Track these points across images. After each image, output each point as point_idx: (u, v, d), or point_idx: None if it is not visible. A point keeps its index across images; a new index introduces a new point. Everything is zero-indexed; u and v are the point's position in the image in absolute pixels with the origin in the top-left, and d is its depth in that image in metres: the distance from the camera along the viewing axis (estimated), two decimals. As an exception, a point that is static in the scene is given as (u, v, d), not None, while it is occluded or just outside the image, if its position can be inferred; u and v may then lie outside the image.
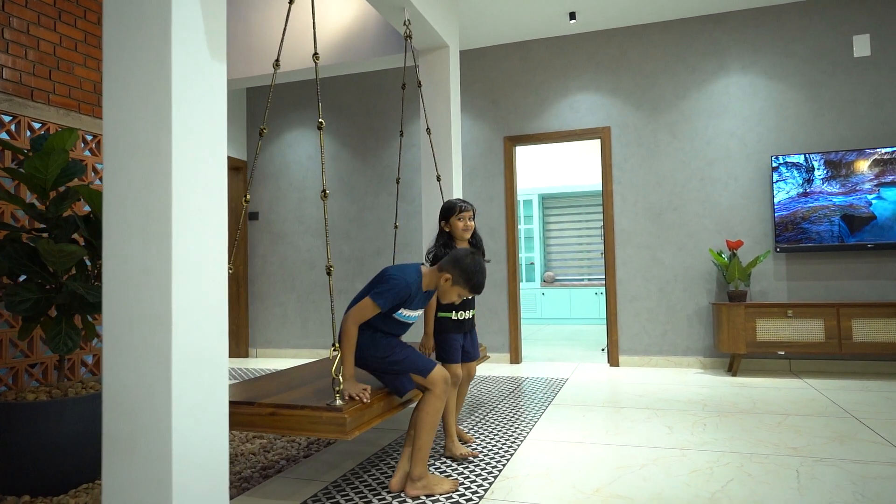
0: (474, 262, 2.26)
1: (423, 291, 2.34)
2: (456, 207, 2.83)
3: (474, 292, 2.29)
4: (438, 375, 2.28)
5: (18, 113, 3.98)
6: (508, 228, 5.48)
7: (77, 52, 4.39)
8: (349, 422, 2.00)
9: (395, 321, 2.32)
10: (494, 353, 5.47)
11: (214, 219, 1.81)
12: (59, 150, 2.70)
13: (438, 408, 2.27)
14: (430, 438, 2.26)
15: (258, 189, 6.33)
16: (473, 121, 5.60)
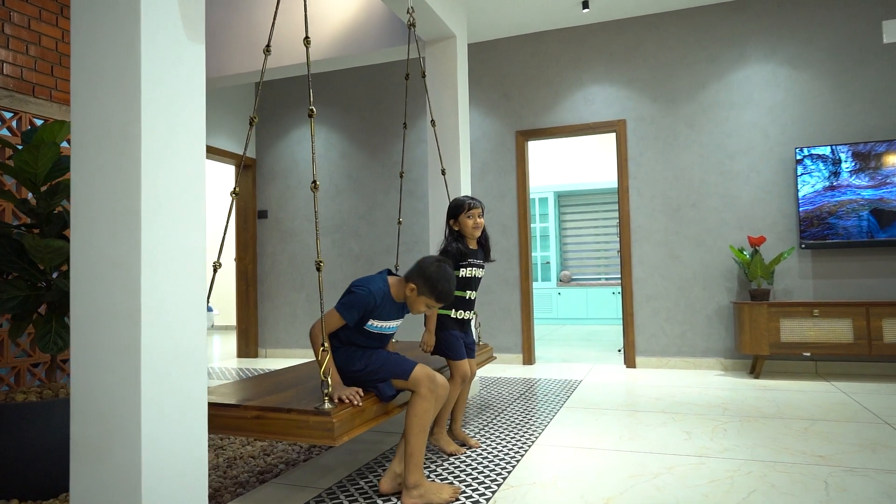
0: (439, 270, 2.18)
1: (397, 301, 2.23)
2: (465, 205, 2.72)
3: (441, 301, 2.19)
4: (420, 374, 2.16)
5: (20, 109, 3.93)
6: (521, 226, 5.32)
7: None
8: (337, 426, 1.87)
9: (368, 334, 2.23)
10: (506, 353, 5.32)
11: (192, 210, 1.70)
12: (48, 144, 2.61)
13: (426, 409, 2.15)
14: (422, 442, 2.14)
15: (266, 187, 6.25)
16: (484, 115, 5.46)
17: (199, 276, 1.71)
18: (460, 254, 2.71)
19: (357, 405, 2.02)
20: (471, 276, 2.80)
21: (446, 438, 2.75)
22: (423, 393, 2.15)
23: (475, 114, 5.49)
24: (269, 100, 6.32)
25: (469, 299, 2.82)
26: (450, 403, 2.72)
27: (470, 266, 2.77)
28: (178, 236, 1.64)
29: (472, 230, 2.72)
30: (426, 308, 2.23)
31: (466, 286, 2.80)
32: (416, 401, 2.16)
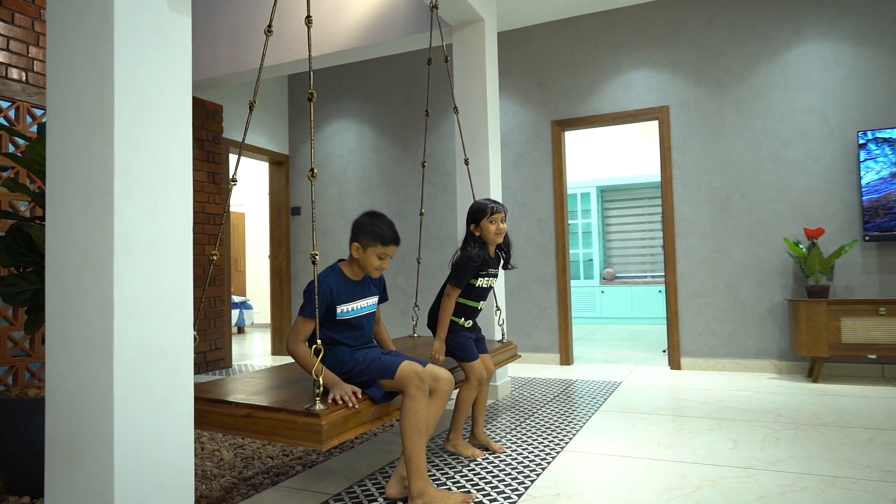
0: (370, 216, 2.15)
1: (355, 280, 2.15)
2: (487, 209, 2.56)
3: (388, 241, 2.10)
4: (406, 372, 2.00)
5: (38, 103, 3.95)
6: (557, 220, 5.09)
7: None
8: (326, 430, 1.73)
9: (345, 324, 2.12)
10: (542, 353, 5.09)
11: (175, 196, 1.57)
12: (61, 135, 2.56)
13: (417, 409, 1.99)
14: (418, 445, 1.98)
15: (299, 183, 6.20)
16: (519, 105, 5.25)
17: (183, 266, 1.59)
18: (482, 261, 2.55)
19: (352, 407, 1.87)
20: (487, 286, 2.66)
21: (463, 442, 2.58)
22: (411, 392, 2.00)
23: (509, 104, 5.28)
24: (298, 94, 6.27)
25: (479, 309, 2.69)
26: (466, 406, 2.56)
27: (488, 276, 2.64)
28: (157, 222, 1.52)
29: (495, 236, 2.57)
30: (379, 261, 2.11)
31: (480, 297, 2.66)
32: (406, 401, 2.01)
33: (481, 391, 2.71)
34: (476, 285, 2.61)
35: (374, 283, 2.26)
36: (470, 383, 2.56)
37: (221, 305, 5.24)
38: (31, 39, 3.83)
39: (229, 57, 4.59)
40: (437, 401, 2.14)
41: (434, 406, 2.14)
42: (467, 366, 2.57)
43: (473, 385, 2.56)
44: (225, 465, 2.91)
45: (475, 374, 2.55)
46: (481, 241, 2.60)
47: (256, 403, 1.86)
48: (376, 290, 2.27)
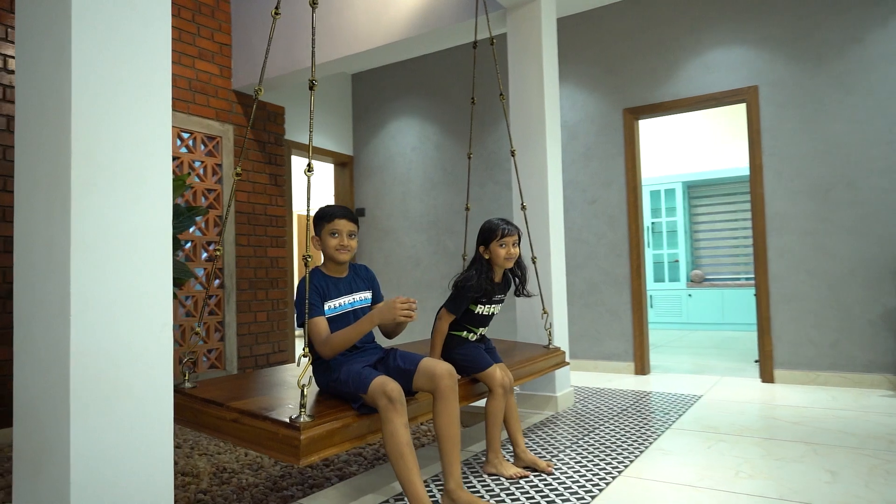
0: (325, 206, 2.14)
1: (337, 277, 2.12)
2: (498, 231, 2.39)
3: (336, 218, 2.06)
4: (375, 389, 1.82)
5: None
6: (630, 217, 4.68)
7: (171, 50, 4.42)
8: (303, 445, 1.54)
9: (334, 322, 2.05)
10: (614, 361, 4.69)
11: (152, 185, 1.43)
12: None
13: (392, 431, 1.79)
14: (403, 470, 1.78)
15: (363, 184, 6.12)
16: (587, 94, 4.88)
17: (161, 263, 1.43)
18: (480, 290, 2.36)
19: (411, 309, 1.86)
20: (488, 313, 2.47)
21: (504, 462, 2.31)
22: (381, 412, 1.81)
23: (576, 93, 4.93)
24: (361, 94, 6.19)
25: (481, 334, 2.51)
26: (496, 419, 2.32)
27: (489, 304, 2.45)
28: (129, 215, 1.38)
29: (504, 261, 2.39)
30: (334, 238, 2.06)
31: (481, 323, 2.48)
32: (382, 421, 1.82)
33: (509, 403, 2.44)
34: (476, 312, 2.43)
35: (362, 279, 2.19)
36: (494, 392, 2.34)
37: (284, 308, 5.23)
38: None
39: (287, 56, 4.55)
40: (444, 401, 1.97)
41: (444, 408, 1.97)
42: (484, 375, 2.35)
43: (498, 394, 2.33)
44: (262, 474, 2.80)
45: (496, 382, 2.34)
46: (488, 265, 2.41)
47: (243, 408, 1.69)
48: (365, 286, 2.19)
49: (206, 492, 2.57)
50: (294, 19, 4.52)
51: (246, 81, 4.75)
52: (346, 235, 2.08)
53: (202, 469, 2.89)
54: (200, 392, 1.87)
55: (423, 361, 2.06)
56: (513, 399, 2.47)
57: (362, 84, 6.21)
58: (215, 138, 4.70)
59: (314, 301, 2.01)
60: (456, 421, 2.05)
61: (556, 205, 3.60)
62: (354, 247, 2.12)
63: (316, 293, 2.02)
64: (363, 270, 2.25)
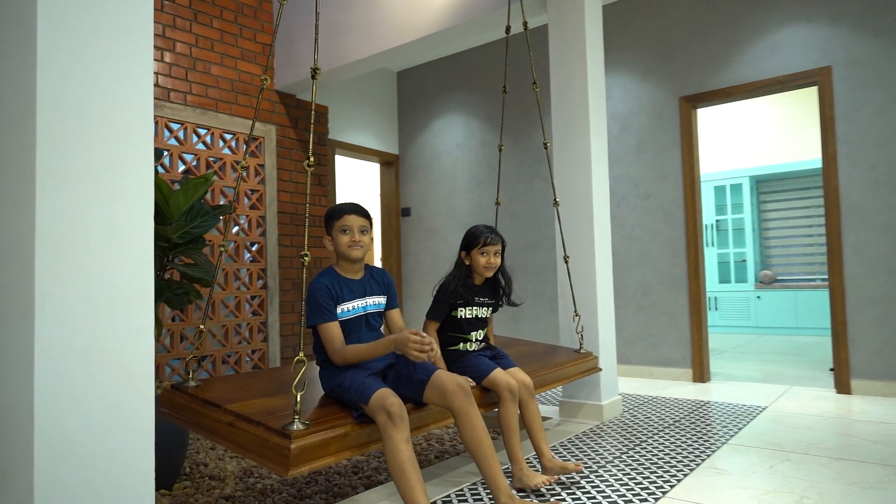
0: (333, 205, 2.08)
1: (352, 278, 2.02)
2: (480, 238, 2.35)
3: (346, 213, 1.96)
4: (375, 403, 1.71)
5: (156, 114, 4.11)
6: (688, 212, 4.36)
7: (213, 51, 4.45)
8: (294, 455, 1.43)
9: (346, 326, 1.96)
10: (670, 367, 4.38)
11: (131, 177, 1.33)
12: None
13: (392, 447, 1.68)
14: (405, 487, 1.67)
15: (409, 183, 6.02)
16: (640, 82, 4.59)
17: (141, 261, 1.34)
18: (457, 295, 2.33)
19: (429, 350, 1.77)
20: (472, 316, 2.39)
21: (528, 472, 2.14)
22: (381, 427, 1.70)
23: (628, 82, 4.64)
24: (406, 91, 6.09)
25: (476, 340, 2.41)
26: (511, 426, 2.19)
27: (470, 305, 2.37)
28: (104, 209, 1.29)
29: (483, 269, 2.36)
30: (346, 235, 1.96)
31: (470, 327, 2.39)
32: (382, 437, 1.71)
33: (529, 407, 2.29)
34: (458, 317, 2.36)
35: (378, 283, 2.08)
36: (502, 398, 2.21)
37: (328, 308, 5.18)
38: (139, 51, 3.99)
39: (327, 53, 4.50)
40: (463, 417, 1.88)
41: (465, 424, 1.89)
42: (487, 381, 2.24)
43: (506, 399, 2.20)
44: (286, 479, 2.71)
45: (500, 386, 2.21)
46: (468, 270, 2.39)
47: (238, 412, 1.58)
48: (380, 290, 2.09)
49: (228, 497, 2.50)
50: (334, 17, 4.46)
51: (288, 81, 4.73)
52: (357, 231, 1.97)
53: (230, 472, 2.83)
54: (201, 391, 1.79)
55: (435, 375, 1.95)
56: (533, 405, 2.31)
57: (407, 81, 6.11)
58: (258, 139, 4.71)
59: (326, 305, 1.91)
60: (482, 433, 1.93)
61: (602, 200, 3.36)
62: (367, 243, 2.01)
63: (328, 296, 1.92)
64: (380, 274, 2.14)
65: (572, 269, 3.30)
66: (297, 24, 4.70)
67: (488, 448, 1.93)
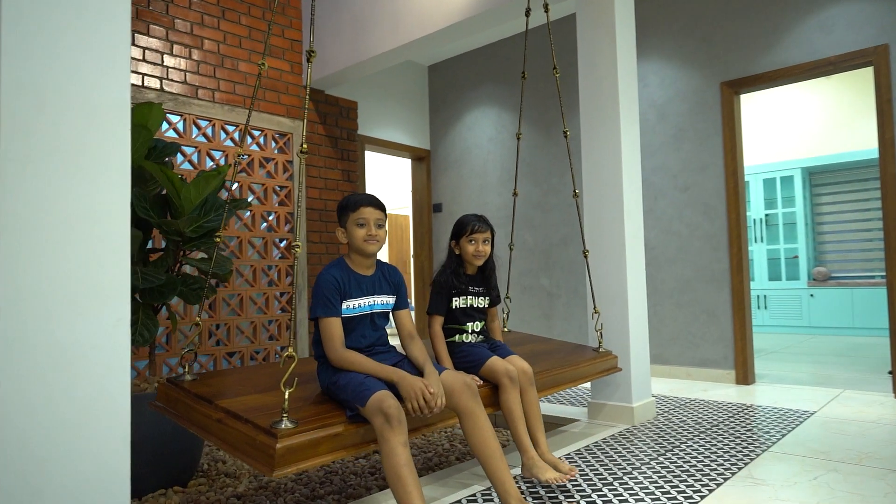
0: (344, 196, 2.02)
1: (361, 274, 1.92)
2: (467, 227, 2.33)
3: (363, 205, 1.88)
4: (373, 406, 1.61)
5: (184, 111, 4.13)
6: (730, 205, 4.12)
7: (241, 48, 4.45)
8: (279, 455, 1.35)
9: (350, 324, 1.87)
10: (711, 368, 4.15)
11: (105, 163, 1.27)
12: (139, 127, 2.50)
13: (389, 451, 1.58)
14: (401, 492, 1.57)
15: (440, 179, 5.92)
16: (678, 69, 4.37)
17: (117, 251, 1.28)
18: (450, 285, 2.32)
19: (430, 412, 1.69)
20: (466, 305, 2.34)
21: (540, 464, 2.04)
22: (377, 429, 1.60)
23: (666, 68, 4.42)
24: (437, 85, 5.99)
25: (475, 331, 2.36)
26: (514, 413, 2.11)
27: (464, 294, 2.36)
28: (75, 195, 1.23)
29: (472, 257, 2.34)
30: (362, 229, 1.87)
31: (466, 318, 2.35)
32: (378, 440, 1.62)
33: (527, 395, 2.19)
34: (453, 307, 2.32)
35: (389, 282, 1.99)
36: (501, 385, 2.14)
37: (358, 305, 5.14)
38: (167, 49, 4.02)
39: (353, 47, 4.45)
40: (470, 418, 1.83)
41: (471, 426, 1.83)
42: (485, 369, 2.18)
43: (506, 385, 2.12)
44: (303, 478, 2.66)
45: (499, 372, 2.14)
46: (459, 259, 2.37)
47: (228, 408, 1.51)
48: (390, 290, 1.99)
49: (240, 496, 2.45)
50: (359, 11, 4.40)
51: (316, 76, 4.70)
52: (373, 224, 1.88)
53: (245, 470, 2.79)
54: (196, 386, 1.73)
55: (440, 376, 1.85)
56: (532, 393, 2.22)
57: (438, 75, 6.01)
58: (286, 135, 4.69)
59: (332, 298, 1.82)
60: (488, 434, 1.85)
61: (633, 192, 3.18)
62: (383, 237, 1.92)
63: (336, 289, 1.84)
64: (392, 273, 2.04)
65: (601, 264, 3.14)
66: (323, 19, 4.66)
67: (496, 449, 1.83)
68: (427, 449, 3.08)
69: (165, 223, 2.47)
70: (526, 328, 5.19)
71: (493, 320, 2.50)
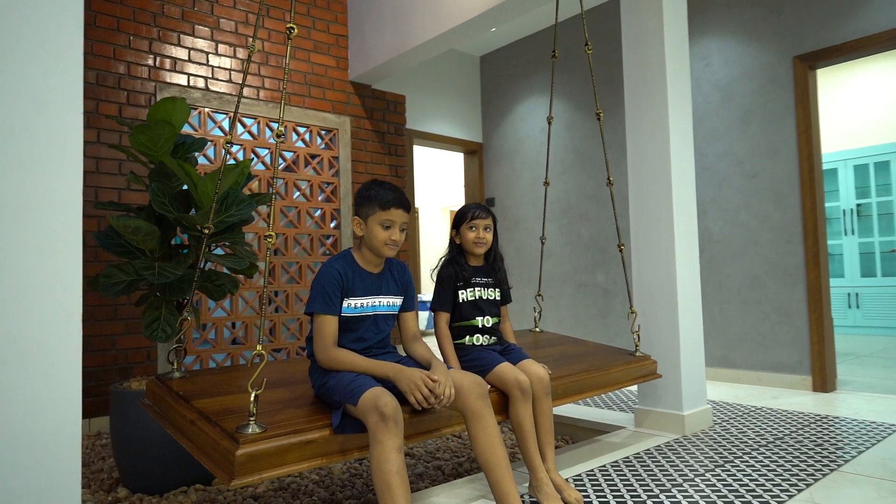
0: (372, 182, 1.79)
1: (369, 271, 1.79)
2: (468, 214, 2.20)
3: (393, 206, 1.72)
4: (367, 403, 1.47)
5: (229, 110, 4.17)
6: (804, 193, 3.71)
7: (286, 45, 4.46)
8: (238, 462, 1.25)
9: (347, 322, 1.74)
10: (784, 374, 3.75)
11: (52, 150, 1.21)
12: (162, 122, 2.50)
13: (380, 455, 1.45)
14: (388, 503, 1.42)
15: (493, 172, 5.74)
16: (744, 44, 3.98)
17: (67, 242, 1.21)
18: (456, 277, 2.17)
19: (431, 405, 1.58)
20: (475, 297, 2.16)
21: (546, 488, 1.85)
22: (371, 431, 1.47)
23: (729, 44, 4.05)
24: (489, 77, 5.81)
25: (484, 327, 2.15)
26: (525, 426, 1.91)
27: (471, 286, 2.19)
28: (14, 183, 1.17)
29: (473, 245, 2.19)
30: (385, 231, 1.72)
31: (474, 311, 2.16)
32: (369, 443, 1.48)
33: (540, 405, 1.98)
34: (459, 301, 2.17)
35: (397, 281, 1.84)
36: (511, 396, 1.93)
37: (407, 302, 5.05)
38: (212, 49, 4.08)
39: (396, 38, 4.35)
40: (477, 421, 1.67)
41: (479, 430, 1.67)
42: (492, 376, 1.96)
43: (516, 396, 1.91)
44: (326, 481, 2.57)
45: (508, 382, 1.93)
46: (460, 250, 2.24)
47: (203, 409, 1.42)
48: (398, 291, 1.84)
49: (258, 497, 2.40)
50: (399, 3, 4.30)
51: (361, 71, 4.64)
52: (398, 229, 1.74)
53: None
54: (182, 383, 1.66)
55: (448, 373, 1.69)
56: (546, 403, 2.00)
57: (490, 66, 5.83)
58: (332, 131, 4.66)
59: (332, 293, 1.70)
60: (496, 441, 1.68)
61: (684, 179, 2.90)
62: (402, 242, 1.77)
63: (337, 285, 1.71)
64: (399, 270, 1.89)
65: (647, 259, 2.88)
66: (368, 14, 4.59)
67: (501, 458, 1.66)
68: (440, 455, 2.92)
69: (183, 218, 2.44)
70: (581, 328, 4.93)
71: (504, 321, 2.32)
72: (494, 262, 2.28)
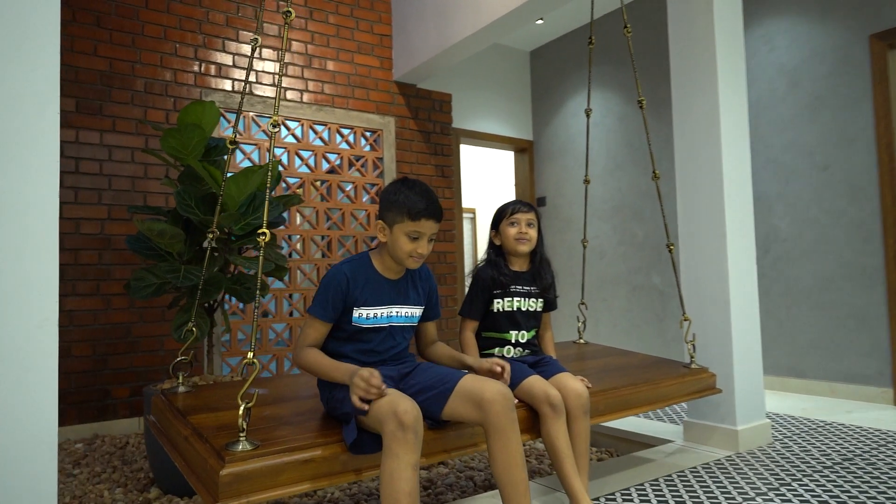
0: (401, 182, 1.59)
1: (387, 278, 1.62)
2: (508, 209, 2.02)
3: (424, 217, 1.53)
4: (383, 408, 1.34)
5: (271, 113, 4.20)
6: (884, 186, 3.35)
7: (329, 47, 4.45)
8: (222, 483, 1.17)
9: (359, 336, 1.59)
10: (861, 385, 3.40)
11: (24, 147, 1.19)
12: (191, 126, 2.51)
13: (393, 470, 1.30)
14: None
15: (543, 171, 5.56)
16: (813, 24, 3.65)
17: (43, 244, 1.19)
18: (493, 282, 1.95)
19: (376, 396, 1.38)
20: (511, 309, 1.94)
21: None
22: (387, 442, 1.33)
23: (796, 25, 3.72)
24: (540, 72, 5.63)
25: (518, 342, 1.96)
26: (559, 446, 1.71)
27: (510, 296, 1.96)
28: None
29: (515, 242, 1.97)
30: (412, 243, 1.55)
31: (510, 324, 1.94)
32: (382, 456, 1.34)
33: (576, 425, 1.77)
34: (495, 311, 1.93)
35: (419, 290, 1.68)
36: (541, 413, 1.73)
37: (454, 304, 4.96)
38: (256, 53, 4.12)
39: (439, 35, 4.26)
40: (499, 436, 1.48)
41: (500, 446, 1.49)
42: (521, 389, 1.75)
43: (546, 414, 1.71)
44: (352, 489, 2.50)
45: (537, 397, 1.73)
46: (501, 252, 2.03)
47: (197, 425, 1.37)
48: (419, 300, 1.67)
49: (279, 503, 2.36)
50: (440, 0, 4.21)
51: (406, 70, 4.59)
52: (426, 240, 1.58)
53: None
54: (184, 398, 1.62)
55: (464, 379, 1.54)
56: (583, 423, 1.78)
57: (540, 61, 5.65)
58: (376, 132, 4.63)
59: (333, 301, 1.55)
60: (517, 461, 1.51)
61: (738, 172, 2.66)
62: (429, 253, 1.61)
63: (341, 293, 1.55)
64: (424, 277, 1.71)
65: (696, 260, 2.66)
66: (411, 12, 4.53)
67: (520, 482, 1.50)
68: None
69: (209, 221, 2.44)
70: (636, 332, 4.68)
71: (545, 329, 2.12)
72: (540, 265, 2.04)
